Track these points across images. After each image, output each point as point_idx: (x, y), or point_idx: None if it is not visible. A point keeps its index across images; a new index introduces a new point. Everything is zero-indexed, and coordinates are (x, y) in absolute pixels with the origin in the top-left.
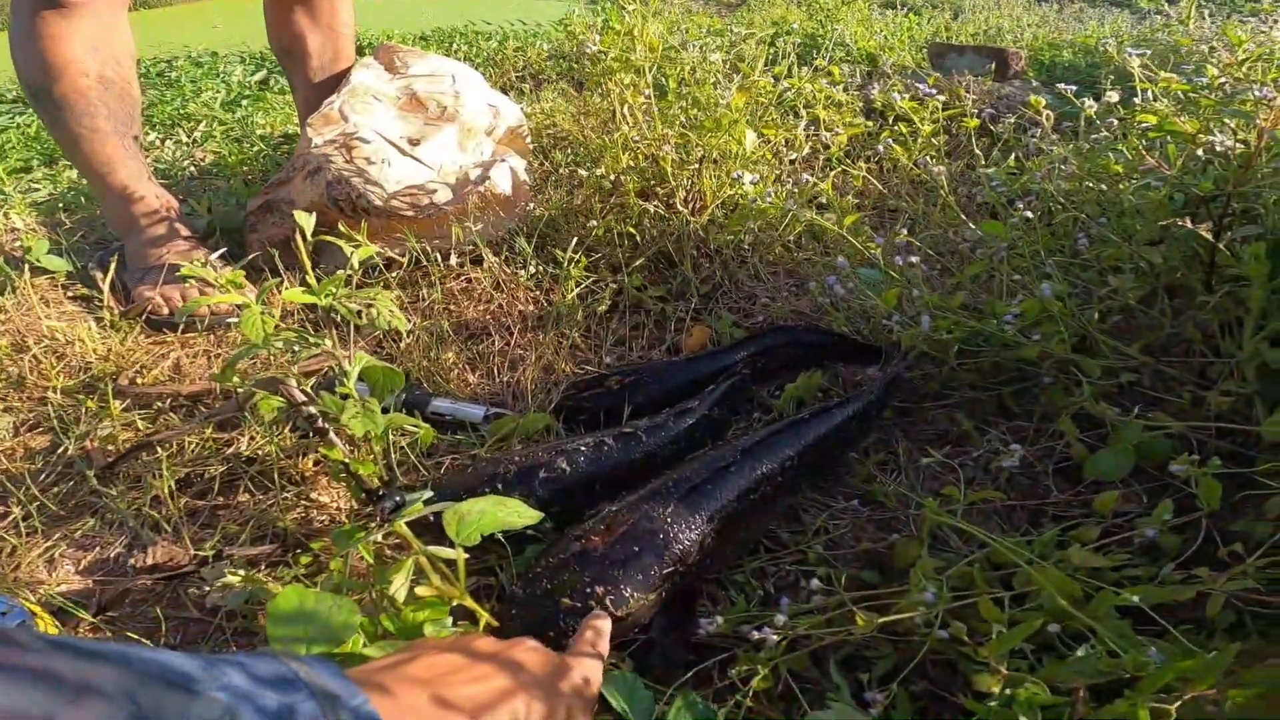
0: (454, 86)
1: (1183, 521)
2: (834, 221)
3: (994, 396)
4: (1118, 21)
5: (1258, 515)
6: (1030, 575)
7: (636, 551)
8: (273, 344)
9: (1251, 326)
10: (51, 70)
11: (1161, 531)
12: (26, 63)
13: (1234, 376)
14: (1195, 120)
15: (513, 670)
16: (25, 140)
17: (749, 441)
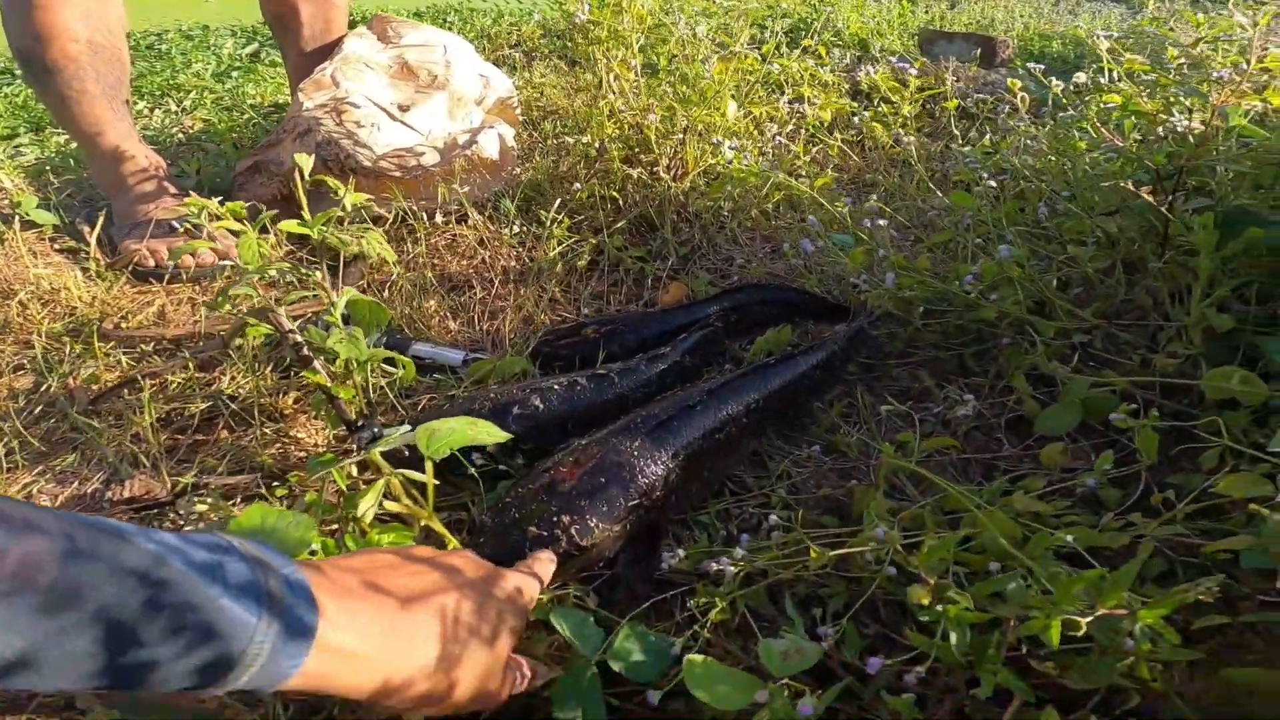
0: (445, 56)
1: (1125, 473)
2: (808, 186)
3: (955, 356)
4: (1110, 16)
5: (1193, 468)
6: (975, 518)
7: (603, 483)
8: (266, 271)
9: (1199, 292)
10: (42, 37)
11: (1102, 484)
12: (18, 29)
13: (1181, 339)
14: (1156, 101)
15: (446, 570)
16: (12, 109)
17: (715, 384)
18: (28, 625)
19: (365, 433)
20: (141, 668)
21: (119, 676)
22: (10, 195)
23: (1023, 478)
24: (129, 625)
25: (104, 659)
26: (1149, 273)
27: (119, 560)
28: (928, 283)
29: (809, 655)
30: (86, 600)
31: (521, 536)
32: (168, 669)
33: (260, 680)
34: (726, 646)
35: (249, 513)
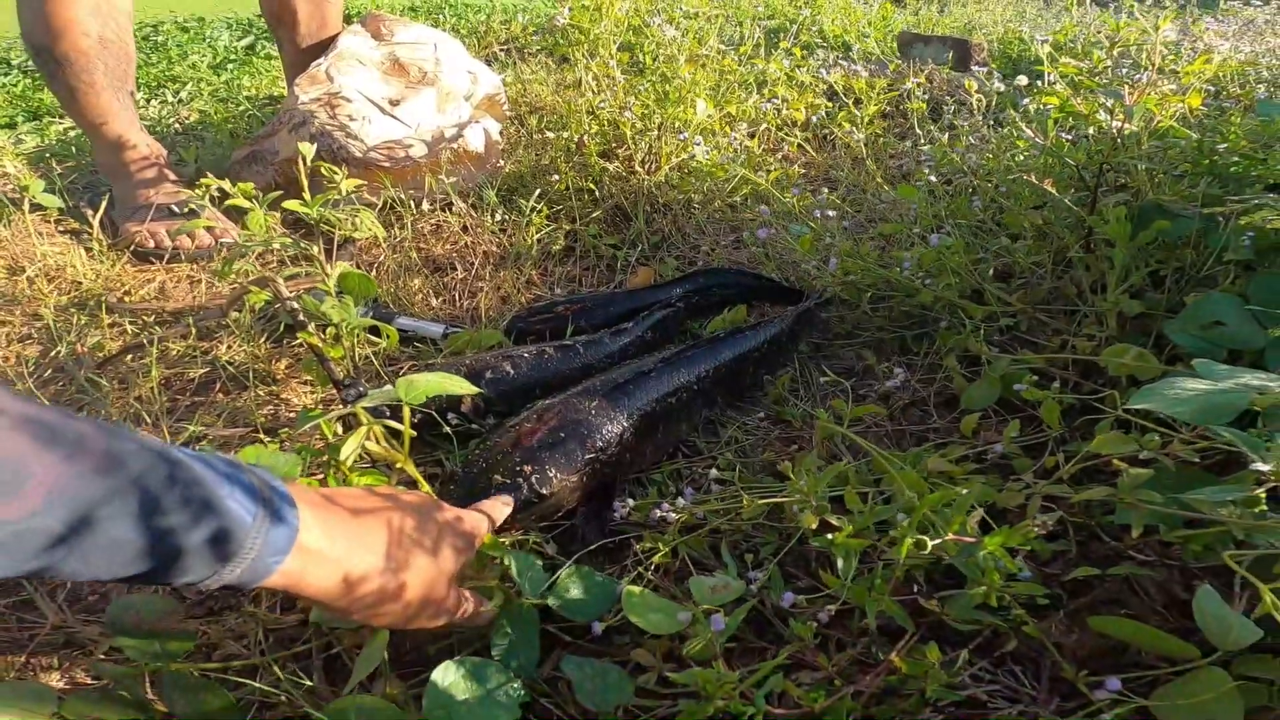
0: (435, 54)
1: (1038, 442)
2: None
3: (898, 337)
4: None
5: (1089, 437)
6: (891, 476)
7: (562, 438)
8: (270, 243)
9: (1115, 280)
10: (54, 30)
11: (1013, 452)
12: (32, 21)
13: (1098, 324)
14: (1090, 102)
15: (395, 496)
16: (10, 99)
17: (669, 353)
18: (88, 485)
19: (351, 391)
20: (166, 548)
21: (149, 558)
22: (15, 181)
23: (948, 446)
24: (160, 502)
25: (139, 537)
26: (1074, 263)
27: (158, 452)
28: (871, 269)
29: (733, 590)
30: (130, 468)
31: (488, 484)
32: (187, 551)
33: (247, 575)
34: (668, 587)
35: (245, 453)
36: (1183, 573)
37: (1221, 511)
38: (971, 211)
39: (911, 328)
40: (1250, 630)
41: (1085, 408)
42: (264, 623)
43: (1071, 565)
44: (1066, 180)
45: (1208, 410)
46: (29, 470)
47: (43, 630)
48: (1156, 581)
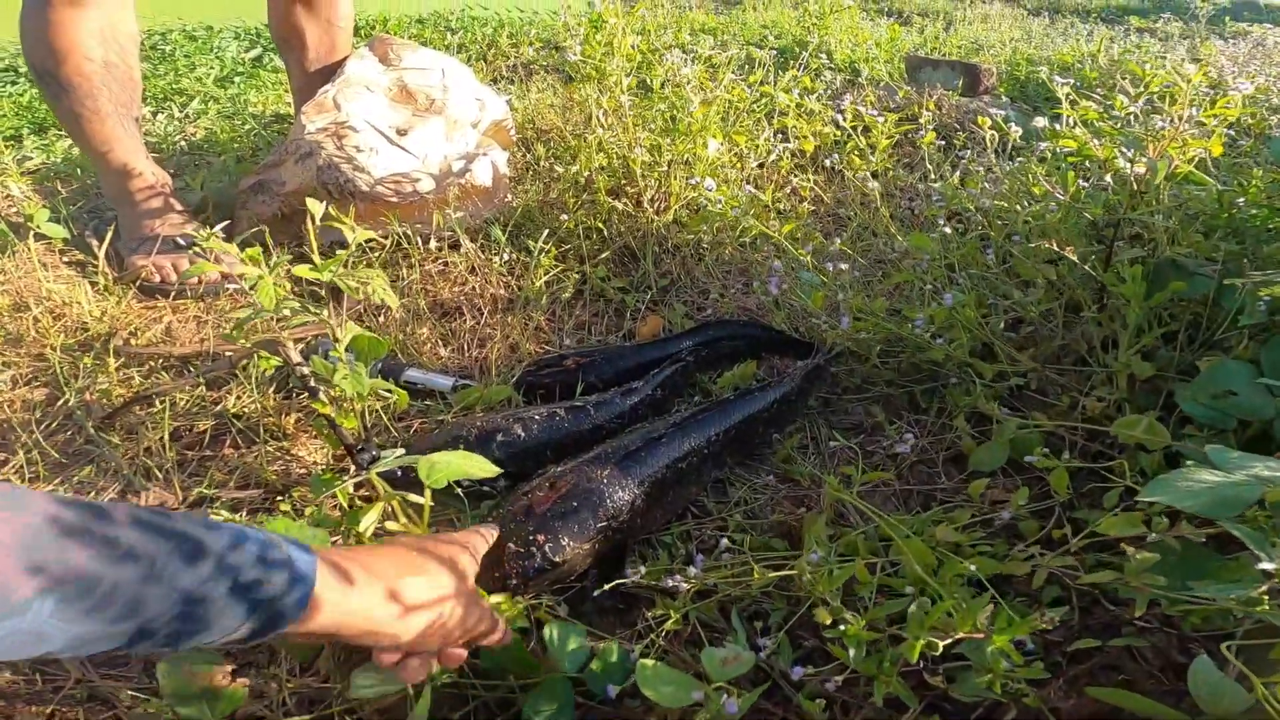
0: (443, 80)
1: (1045, 507)
2: (778, 229)
3: (907, 393)
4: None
5: (1099, 505)
6: (899, 546)
7: (575, 507)
8: (280, 310)
9: (1127, 340)
10: (58, 54)
11: (1021, 517)
12: (34, 45)
13: (1109, 384)
14: (1108, 147)
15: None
16: (16, 109)
17: (680, 417)
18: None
19: (364, 455)
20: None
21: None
22: (20, 206)
23: (956, 509)
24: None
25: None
26: (1085, 319)
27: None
28: (882, 325)
29: (745, 662)
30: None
31: (500, 552)
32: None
33: (289, 605)
34: (679, 653)
35: (273, 526)
36: (1180, 638)
37: (1226, 603)
38: (984, 262)
39: (921, 382)
40: (1242, 697)
41: (1094, 471)
42: (285, 684)
43: (1073, 632)
44: (1081, 230)
45: (1218, 504)
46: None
47: (66, 684)
48: (1155, 647)
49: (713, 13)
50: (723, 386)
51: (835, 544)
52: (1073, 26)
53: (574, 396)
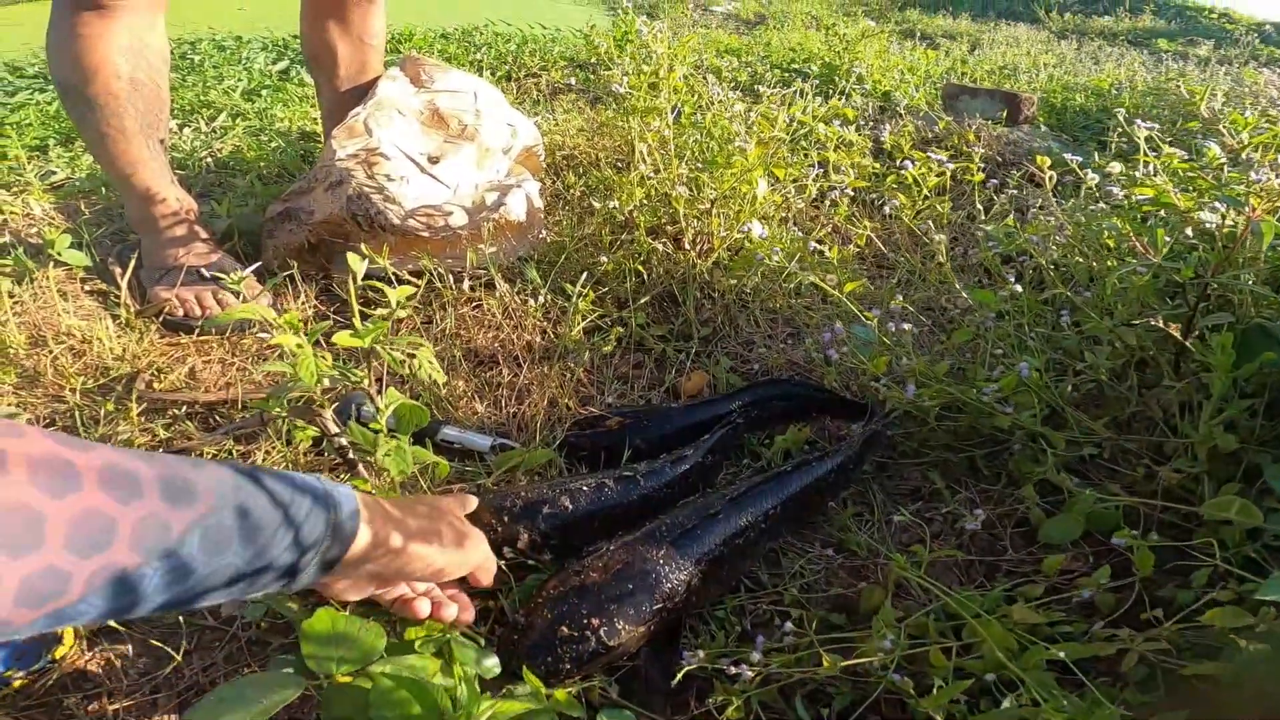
0: (475, 104)
1: (1120, 584)
2: (834, 283)
3: (967, 458)
4: (1133, 65)
5: (1184, 583)
6: (975, 629)
7: (630, 589)
8: (321, 380)
9: (1210, 410)
10: (85, 70)
11: (1098, 592)
12: (60, 60)
13: (1187, 455)
14: (1189, 197)
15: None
16: (44, 119)
17: (735, 491)
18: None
19: None
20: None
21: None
22: (41, 227)
23: (1024, 581)
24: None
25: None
26: (1162, 384)
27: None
28: (945, 390)
29: None
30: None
31: (553, 636)
32: (302, 513)
33: (346, 529)
34: None
35: (320, 617)
36: None
37: None
38: (1059, 326)
39: (982, 446)
40: None
41: (1175, 547)
42: None
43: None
44: (1160, 291)
45: None
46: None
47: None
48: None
49: (734, 33)
50: (775, 453)
51: (903, 625)
52: (1101, 50)
53: (619, 459)
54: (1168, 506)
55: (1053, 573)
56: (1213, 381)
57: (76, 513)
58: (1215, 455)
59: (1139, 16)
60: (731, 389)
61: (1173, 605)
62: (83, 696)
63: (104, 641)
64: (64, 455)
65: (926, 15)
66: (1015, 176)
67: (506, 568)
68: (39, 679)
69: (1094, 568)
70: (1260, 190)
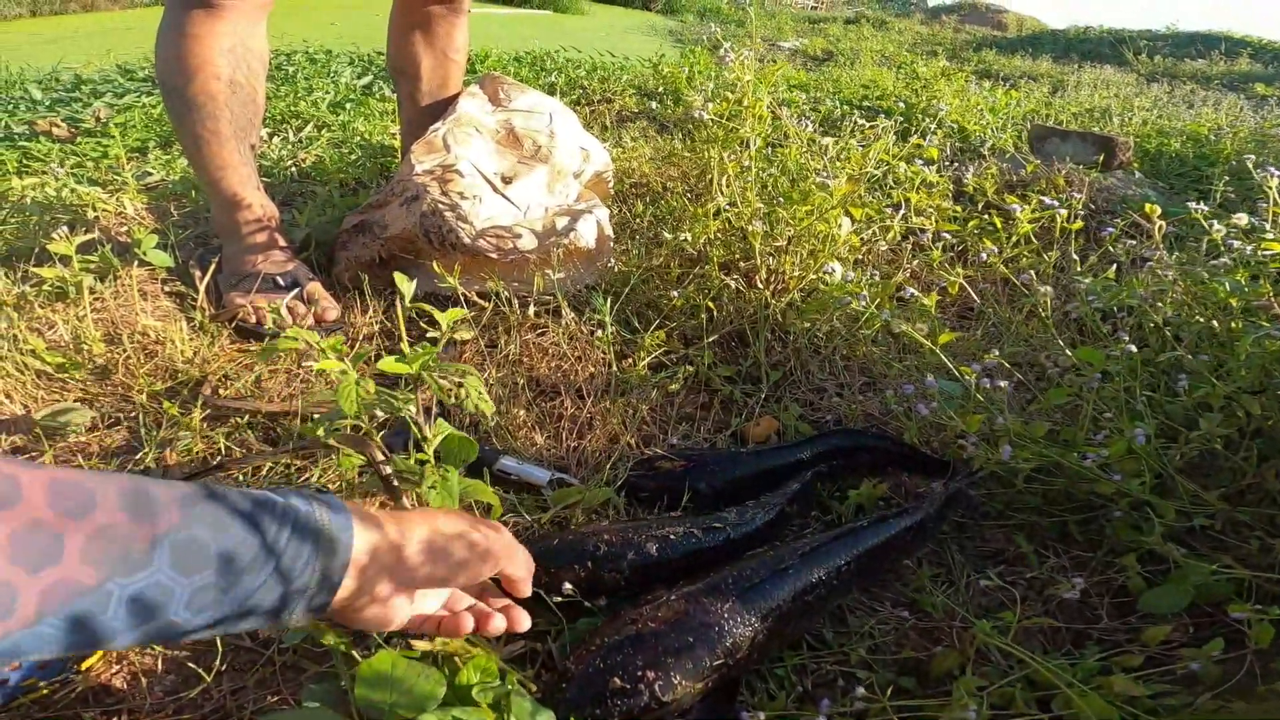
0: (550, 125)
1: (1226, 657)
2: (925, 333)
3: (1058, 523)
4: (1233, 109)
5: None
6: (1071, 700)
7: (690, 642)
8: (367, 408)
9: None
10: (187, 70)
11: (1205, 663)
12: (165, 59)
13: None
14: None
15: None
16: (148, 121)
17: (807, 545)
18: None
19: None
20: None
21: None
22: (131, 227)
23: (1116, 649)
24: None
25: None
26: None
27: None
28: (1042, 453)
29: None
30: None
31: (604, 686)
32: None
33: (335, 560)
34: None
35: (380, 658)
36: None
37: None
38: (1172, 391)
39: (1075, 511)
40: None
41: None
42: None
43: None
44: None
45: None
46: None
47: None
48: None
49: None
50: (848, 506)
51: (986, 693)
52: (1194, 93)
53: (678, 501)
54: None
55: (1155, 643)
56: None
57: (17, 527)
58: None
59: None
60: (801, 437)
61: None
62: (102, 711)
63: (133, 655)
64: (4, 470)
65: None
66: (1119, 225)
67: (555, 608)
68: (60, 689)
69: (1196, 640)
70: None
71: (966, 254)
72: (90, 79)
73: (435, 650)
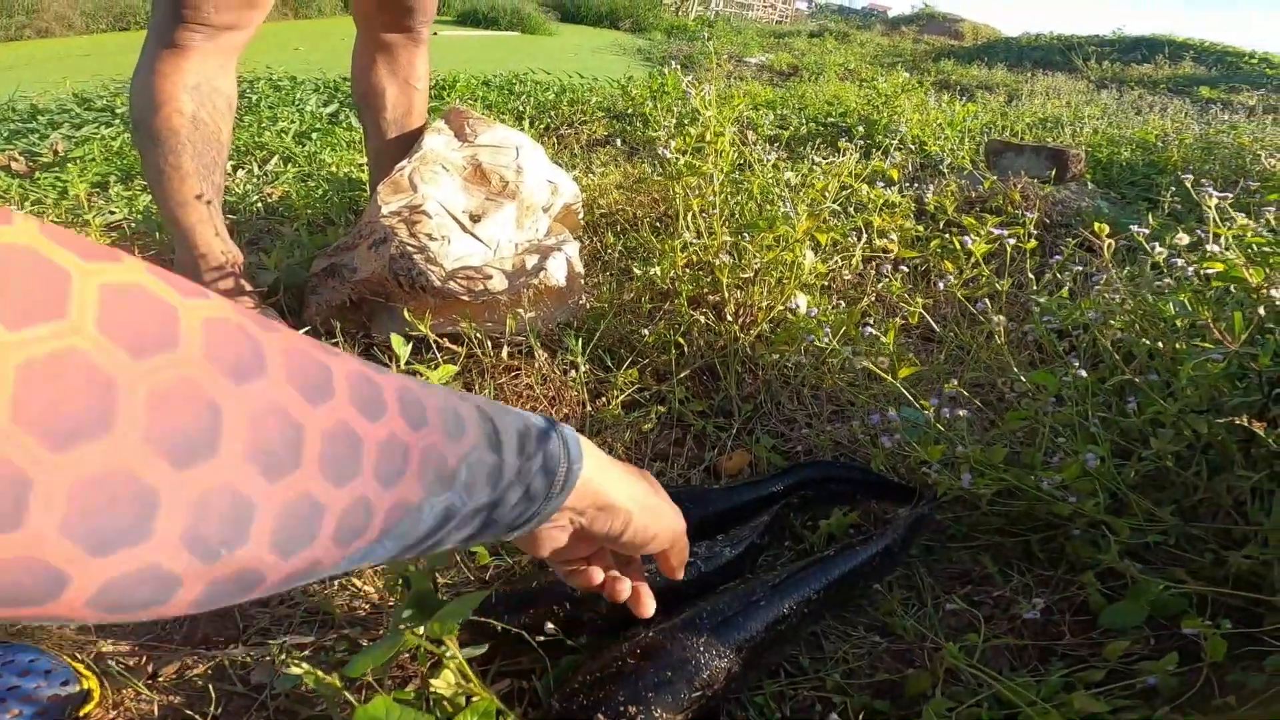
0: (517, 160)
1: (1184, 669)
2: (886, 366)
3: (1021, 543)
4: (1179, 115)
5: (1256, 668)
6: (1032, 718)
7: (669, 677)
8: None
9: None
10: (153, 104)
11: (1162, 677)
12: (135, 93)
13: (1257, 541)
14: (1259, 271)
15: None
16: (107, 154)
17: (777, 577)
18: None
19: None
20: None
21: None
22: None
23: (1080, 665)
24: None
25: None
26: (1231, 469)
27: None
28: (1002, 478)
29: None
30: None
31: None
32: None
33: (572, 475)
34: None
35: (376, 703)
36: None
37: None
38: (1123, 412)
39: (1036, 530)
40: None
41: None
42: None
43: None
44: (1232, 374)
45: None
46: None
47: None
48: None
49: (768, 84)
50: (819, 536)
51: (954, 715)
52: (1142, 99)
53: None
54: (1239, 594)
55: (1115, 657)
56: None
57: (383, 438)
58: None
59: (1179, 64)
60: (773, 469)
61: (1244, 690)
62: None
63: (129, 701)
64: (367, 374)
65: (961, 66)
66: (1070, 244)
67: (541, 648)
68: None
69: (1155, 652)
70: None
71: (930, 274)
72: (47, 109)
73: (431, 693)
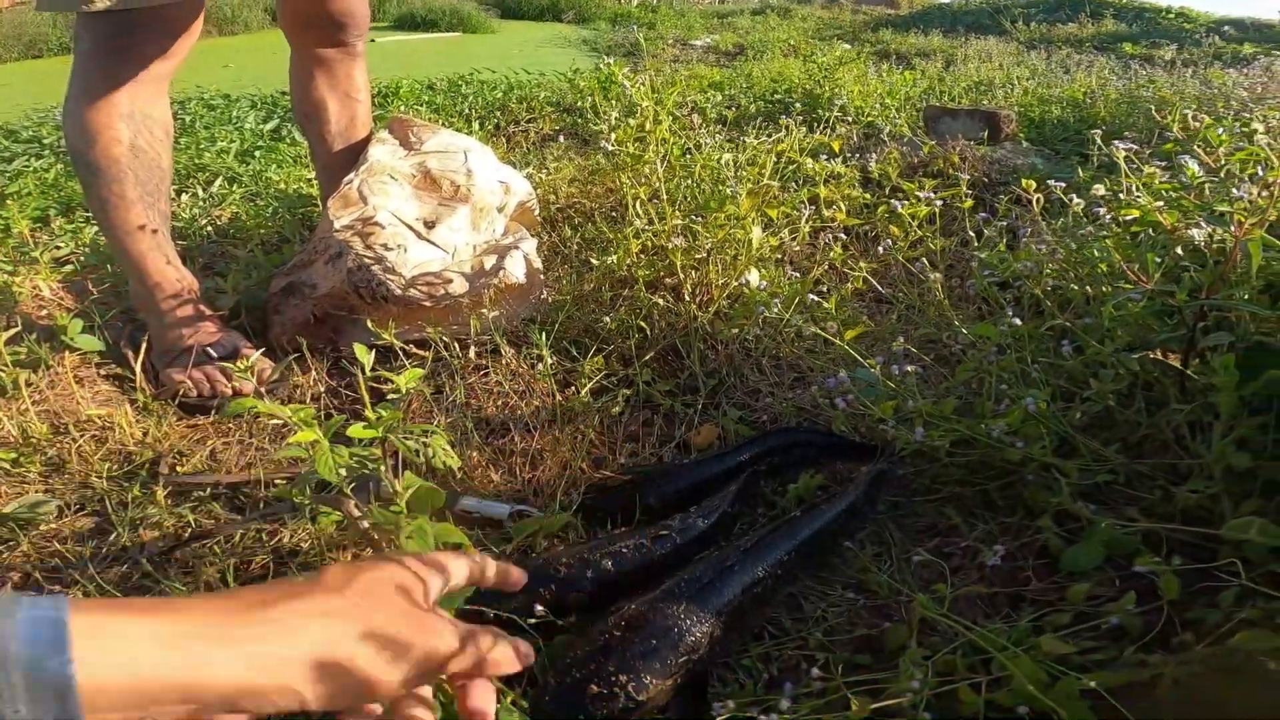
0: (466, 164)
1: (1148, 608)
2: (834, 330)
3: (980, 492)
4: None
5: (1211, 604)
6: (1003, 663)
7: (655, 645)
8: (339, 473)
9: (1220, 430)
10: (89, 134)
11: (1125, 617)
12: (69, 126)
13: (1202, 475)
14: (1174, 214)
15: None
16: (42, 187)
17: (748, 542)
18: None
19: None
20: None
21: None
22: (52, 313)
23: (1050, 610)
24: None
25: None
26: (1170, 406)
27: None
28: (953, 429)
29: None
30: None
31: (583, 694)
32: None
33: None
34: None
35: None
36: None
37: None
38: (1061, 355)
39: (995, 479)
40: None
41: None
42: None
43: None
44: (1158, 312)
45: None
46: None
47: None
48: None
49: (715, 65)
50: (790, 499)
51: (931, 663)
52: (1070, 58)
53: (634, 518)
54: (1187, 529)
55: (1079, 600)
56: (1219, 402)
57: None
58: (1231, 473)
59: (1101, 21)
60: (741, 440)
61: (1203, 626)
62: None
63: None
64: None
65: (899, 34)
66: (1004, 201)
67: (532, 630)
68: None
69: (1120, 593)
70: (1245, 207)
71: (879, 239)
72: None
73: None
